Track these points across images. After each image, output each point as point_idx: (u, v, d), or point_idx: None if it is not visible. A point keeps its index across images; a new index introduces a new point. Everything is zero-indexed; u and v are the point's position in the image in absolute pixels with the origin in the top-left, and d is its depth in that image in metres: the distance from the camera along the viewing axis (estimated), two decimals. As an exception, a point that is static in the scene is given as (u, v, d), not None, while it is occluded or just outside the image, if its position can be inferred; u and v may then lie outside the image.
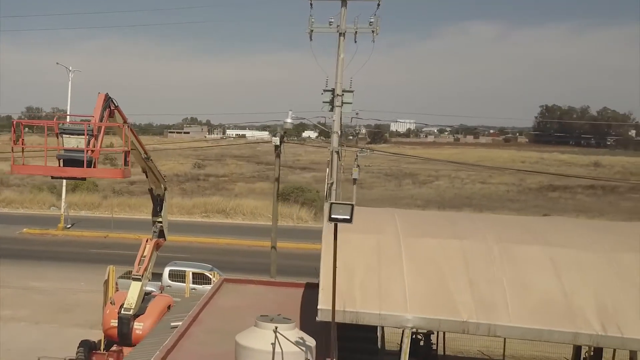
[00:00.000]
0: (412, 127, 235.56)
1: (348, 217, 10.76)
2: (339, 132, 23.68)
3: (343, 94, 22.97)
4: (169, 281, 27.53)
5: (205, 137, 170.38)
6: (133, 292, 21.57)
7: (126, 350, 21.42)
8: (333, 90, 23.11)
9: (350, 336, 17.06)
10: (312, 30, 23.19)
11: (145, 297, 22.53)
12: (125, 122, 20.03)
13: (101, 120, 18.79)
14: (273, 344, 11.35)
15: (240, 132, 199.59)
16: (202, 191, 73.48)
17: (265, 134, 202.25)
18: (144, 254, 22.28)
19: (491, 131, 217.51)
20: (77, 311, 28.22)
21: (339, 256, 15.42)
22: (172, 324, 17.66)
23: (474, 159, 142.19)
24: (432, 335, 20.95)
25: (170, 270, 28.22)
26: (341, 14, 22.95)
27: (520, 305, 13.62)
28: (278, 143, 26.44)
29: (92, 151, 18.09)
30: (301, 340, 11.69)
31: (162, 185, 23.38)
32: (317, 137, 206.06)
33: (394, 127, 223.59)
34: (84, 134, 18.02)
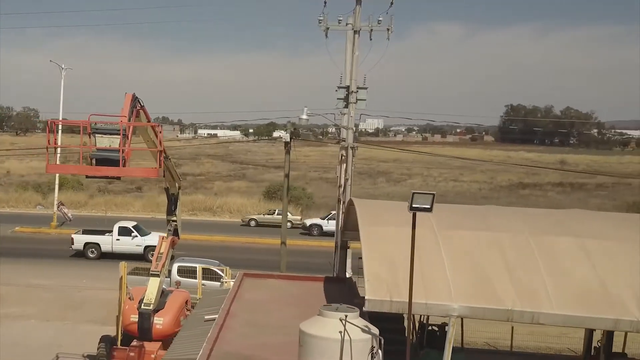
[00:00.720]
0: (380, 126, 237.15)
1: (428, 207, 11.26)
2: (354, 128, 24.17)
3: (357, 91, 23.47)
4: (178, 277, 27.77)
5: (177, 136, 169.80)
6: (152, 288, 21.82)
7: (147, 345, 21.74)
8: (348, 87, 23.58)
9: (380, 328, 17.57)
10: (327, 28, 23.62)
11: (163, 293, 22.81)
12: (149, 121, 20.40)
13: (129, 120, 19.16)
14: (341, 332, 11.77)
15: (212, 131, 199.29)
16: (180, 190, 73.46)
17: (237, 134, 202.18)
18: (161, 251, 22.48)
19: (458, 130, 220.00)
20: (85, 308, 28.37)
21: (379, 249, 16.03)
22: (206, 317, 18.05)
23: (443, 158, 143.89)
24: (446, 327, 21.57)
25: (179, 266, 28.48)
26: (356, 12, 23.43)
27: (560, 293, 14.27)
28: (288, 139, 26.91)
29: (124, 150, 18.48)
30: (367, 329, 12.16)
31: (176, 185, 23.63)
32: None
33: (362, 126, 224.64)
34: (116, 134, 18.38)
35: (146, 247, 38.28)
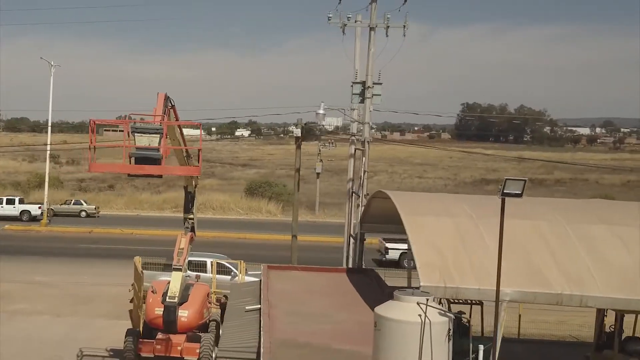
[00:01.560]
0: (340, 124, 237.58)
1: (519, 192, 11.88)
2: (370, 122, 24.82)
3: (373, 86, 24.11)
4: (188, 271, 27.94)
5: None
6: (175, 281, 22.10)
7: (173, 337, 22.05)
8: (364, 83, 24.22)
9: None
10: (344, 25, 24.25)
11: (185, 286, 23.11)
12: (177, 120, 20.80)
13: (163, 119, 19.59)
14: (421, 316, 12.33)
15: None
16: (153, 188, 73.33)
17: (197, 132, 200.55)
18: (181, 247, 22.74)
19: (415, 128, 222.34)
20: (94, 303, 28.50)
21: (425, 237, 16.66)
22: (247, 307, 18.48)
23: (405, 155, 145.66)
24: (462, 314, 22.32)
25: (188, 261, 28.59)
26: (371, 8, 24.11)
27: (605, 278, 15.09)
28: (299, 134, 27.44)
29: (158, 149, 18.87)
30: (443, 312, 12.76)
31: (193, 183, 23.93)
32: (249, 134, 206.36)
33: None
34: (154, 133, 18.76)
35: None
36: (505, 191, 12.18)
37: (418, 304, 12.52)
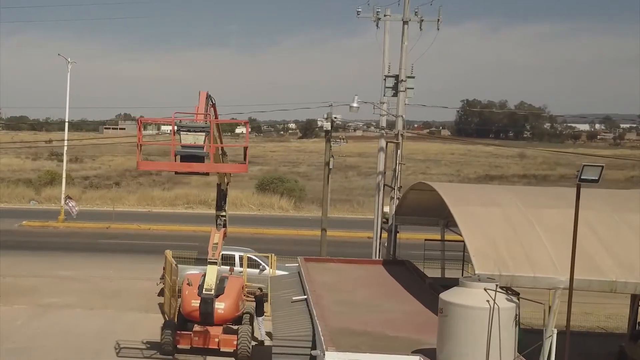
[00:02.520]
0: (339, 121, 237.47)
1: (596, 178, 12.00)
2: (403, 115, 24.99)
3: (406, 80, 24.27)
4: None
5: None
6: (211, 274, 22.25)
7: (210, 329, 22.18)
8: (397, 76, 24.40)
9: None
10: (378, 19, 24.44)
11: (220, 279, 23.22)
12: (216, 118, 20.98)
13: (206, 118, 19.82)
14: (489, 301, 12.48)
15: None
16: (159, 185, 73.51)
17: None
18: (215, 242, 22.82)
19: (415, 125, 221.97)
20: (122, 297, 28.61)
21: (476, 227, 16.82)
22: (293, 298, 18.60)
23: (405, 152, 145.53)
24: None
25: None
26: (404, 2, 24.29)
27: (656, 265, 15.26)
28: (329, 128, 27.58)
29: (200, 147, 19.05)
30: (509, 298, 12.91)
31: (226, 181, 24.04)
32: (250, 132, 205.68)
33: (321, 122, 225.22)
34: (200, 131, 18.95)
35: None
36: (582, 177, 12.27)
37: (485, 289, 12.69)
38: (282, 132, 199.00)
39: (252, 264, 28.73)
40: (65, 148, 49.24)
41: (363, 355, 13.56)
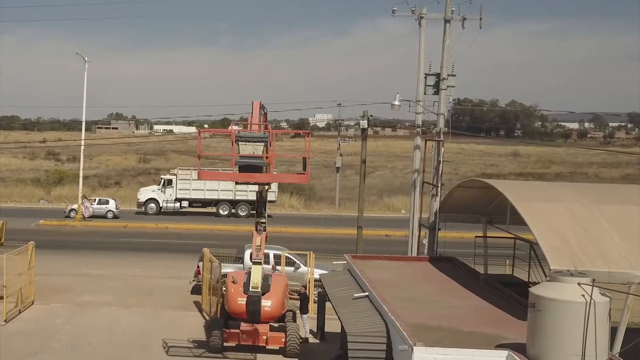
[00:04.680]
0: (331, 121, 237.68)
1: None
2: (445, 114, 25.12)
3: (447, 78, 24.38)
4: (251, 263, 28.04)
5: (134, 132, 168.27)
6: (256, 273, 22.21)
7: (258, 327, 22.18)
8: (438, 75, 24.50)
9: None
10: (421, 17, 24.52)
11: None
12: (266, 127, 21.08)
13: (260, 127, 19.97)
14: (584, 296, 12.56)
15: (167, 127, 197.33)
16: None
17: (192, 129, 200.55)
18: (257, 244, 22.79)
19: (407, 124, 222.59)
20: (156, 295, 28.59)
21: (544, 223, 16.92)
22: (355, 295, 18.65)
23: (400, 150, 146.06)
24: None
25: (250, 253, 28.70)
26: (446, 1, 24.39)
27: None
28: (365, 126, 27.71)
29: (261, 157, 19.20)
30: (603, 292, 13.01)
31: (266, 188, 23.99)
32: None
33: (313, 121, 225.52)
34: (259, 141, 19.10)
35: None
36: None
37: (579, 284, 12.78)
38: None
39: (288, 262, 28.72)
40: (82, 147, 49.06)
41: (451, 350, 13.62)
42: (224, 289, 25.98)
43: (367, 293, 18.46)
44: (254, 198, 28.39)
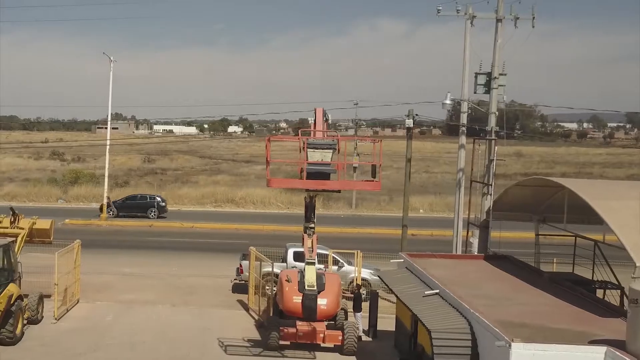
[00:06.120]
0: (329, 120, 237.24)
1: None
2: (496, 113, 25.15)
3: (499, 77, 24.41)
4: (294, 262, 28.02)
5: (134, 132, 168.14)
6: (310, 273, 22.16)
7: (315, 325, 22.10)
8: (489, 74, 24.55)
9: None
10: (474, 17, 24.56)
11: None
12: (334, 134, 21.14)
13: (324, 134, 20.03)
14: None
15: (167, 127, 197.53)
16: (167, 184, 73.34)
17: (192, 129, 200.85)
18: (309, 246, 22.73)
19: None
20: (198, 293, 28.49)
21: (621, 220, 16.92)
22: (426, 292, 18.62)
23: (403, 151, 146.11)
24: None
25: (294, 252, 28.68)
26: (498, 1, 24.42)
27: None
28: (411, 125, 27.74)
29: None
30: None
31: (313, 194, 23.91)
32: (242, 131, 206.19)
33: (311, 121, 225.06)
34: (327, 148, 19.13)
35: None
36: None
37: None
38: (274, 132, 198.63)
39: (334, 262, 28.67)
40: (108, 147, 48.96)
41: (549, 346, 13.60)
42: (266, 287, 25.98)
43: (437, 290, 18.43)
44: None
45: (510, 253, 23.58)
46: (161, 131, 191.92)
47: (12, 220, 24.61)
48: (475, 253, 25.22)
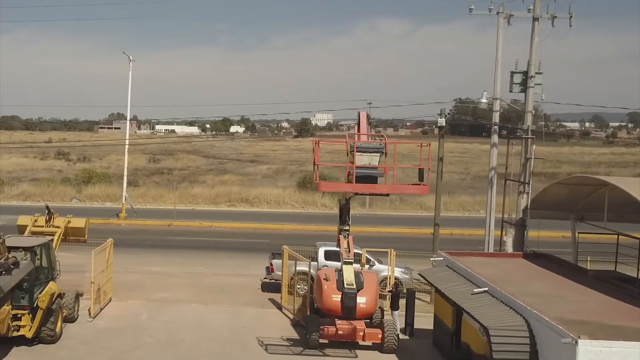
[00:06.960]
0: (331, 120, 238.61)
1: None
2: (532, 111, 25.15)
3: (535, 75, 24.39)
4: (325, 261, 27.95)
5: (135, 132, 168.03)
6: (348, 272, 22.16)
7: (355, 323, 22.06)
8: (525, 72, 24.54)
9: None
10: (511, 16, 24.58)
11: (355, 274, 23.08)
12: (382, 138, 21.14)
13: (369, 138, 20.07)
14: None
15: (169, 127, 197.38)
16: (174, 184, 73.30)
17: (194, 129, 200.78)
18: (346, 246, 22.71)
19: (408, 124, 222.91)
20: (228, 292, 28.44)
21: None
22: (474, 290, 18.57)
23: (407, 150, 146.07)
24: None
25: (325, 251, 28.61)
26: (535, 0, 24.40)
27: None
28: (443, 124, 27.71)
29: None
30: None
31: (348, 197, 23.89)
32: (244, 131, 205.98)
33: (314, 121, 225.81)
34: (375, 152, 19.17)
35: None
36: None
37: None
38: (276, 132, 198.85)
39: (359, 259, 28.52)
40: (127, 147, 48.88)
41: (616, 342, 13.57)
42: (297, 286, 25.93)
43: (486, 288, 18.38)
44: None
45: (546, 252, 23.55)
46: (163, 131, 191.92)
47: (47, 219, 24.56)
48: (510, 252, 25.18)
